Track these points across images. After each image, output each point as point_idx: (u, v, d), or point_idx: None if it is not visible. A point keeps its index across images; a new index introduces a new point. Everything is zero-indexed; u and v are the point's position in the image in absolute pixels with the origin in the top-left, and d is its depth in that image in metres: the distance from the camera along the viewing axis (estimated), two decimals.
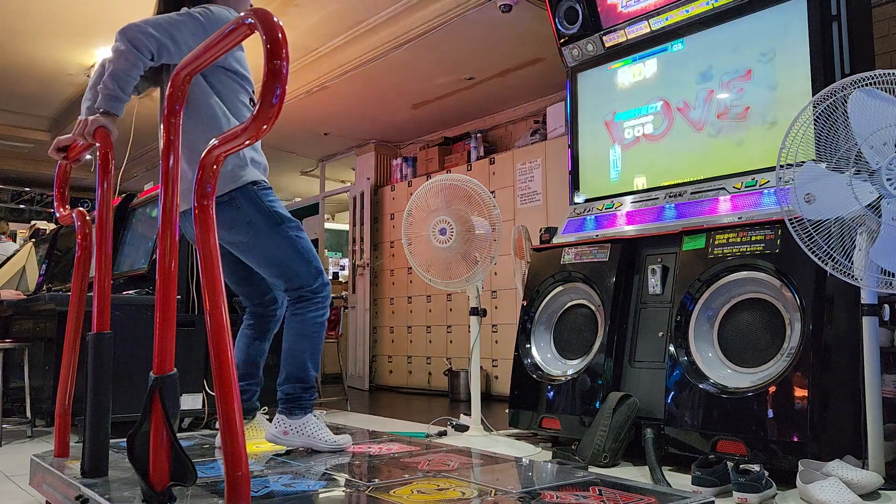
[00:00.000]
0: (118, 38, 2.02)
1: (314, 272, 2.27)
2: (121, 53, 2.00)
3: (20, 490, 2.49)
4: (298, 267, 2.24)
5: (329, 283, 2.34)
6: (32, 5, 4.88)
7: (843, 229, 2.36)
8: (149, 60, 2.03)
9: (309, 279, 2.25)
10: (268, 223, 2.19)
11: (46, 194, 10.70)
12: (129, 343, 3.29)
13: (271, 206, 2.22)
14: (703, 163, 3.32)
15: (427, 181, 3.75)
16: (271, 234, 2.19)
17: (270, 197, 2.24)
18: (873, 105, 2.29)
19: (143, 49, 2.01)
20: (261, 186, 2.22)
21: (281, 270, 2.25)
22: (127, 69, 2.00)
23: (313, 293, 2.26)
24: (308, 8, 4.85)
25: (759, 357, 2.75)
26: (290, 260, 2.23)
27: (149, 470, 1.47)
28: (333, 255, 9.83)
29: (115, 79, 1.99)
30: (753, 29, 3.17)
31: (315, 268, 2.27)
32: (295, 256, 2.23)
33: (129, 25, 2.03)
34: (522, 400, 3.50)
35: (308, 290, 2.25)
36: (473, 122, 6.78)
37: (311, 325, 2.27)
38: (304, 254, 2.25)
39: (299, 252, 2.24)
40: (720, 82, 3.28)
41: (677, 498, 1.63)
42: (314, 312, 2.27)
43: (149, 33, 2.02)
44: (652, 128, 3.55)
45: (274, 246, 2.20)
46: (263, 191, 2.22)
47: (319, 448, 2.22)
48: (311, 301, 2.26)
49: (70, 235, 4.92)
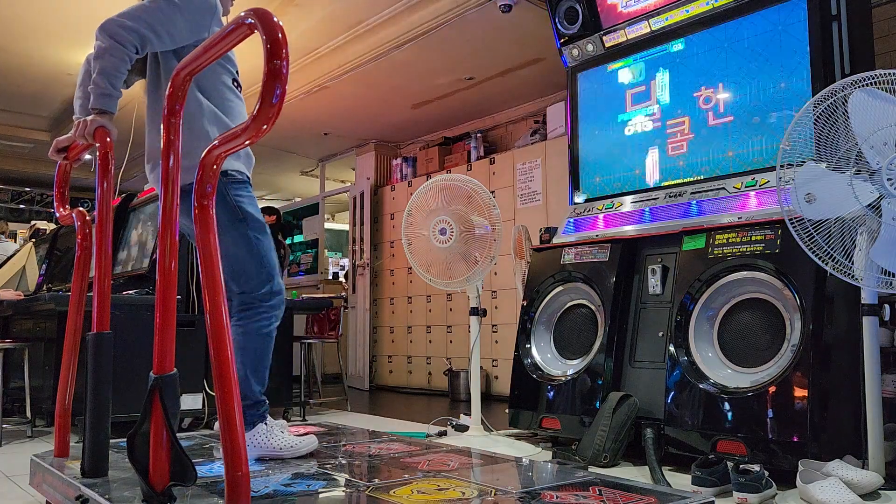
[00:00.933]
0: (99, 36, 2.02)
1: (265, 277, 2.19)
2: (105, 51, 1.99)
3: (20, 490, 2.49)
4: (249, 268, 2.17)
5: (282, 292, 2.25)
6: (32, 6, 4.88)
7: (844, 229, 2.36)
8: (134, 53, 2.03)
9: (257, 284, 2.18)
10: (228, 218, 2.13)
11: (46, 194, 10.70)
12: (129, 343, 3.28)
13: (237, 202, 2.16)
14: (703, 162, 3.32)
15: (427, 181, 3.75)
16: (229, 229, 2.12)
17: (240, 191, 2.18)
18: (873, 105, 2.29)
19: (127, 43, 2.01)
20: (232, 178, 2.16)
21: (231, 270, 2.15)
22: (115, 65, 2.00)
23: (259, 300, 2.18)
24: (308, 8, 4.85)
25: (759, 357, 2.74)
26: (242, 260, 2.16)
27: (149, 470, 1.47)
28: (333, 255, 9.83)
29: (104, 76, 1.99)
30: (753, 29, 3.17)
31: (267, 273, 2.19)
32: (248, 258, 2.17)
33: (108, 21, 2.02)
34: (522, 400, 3.50)
35: (254, 295, 2.18)
36: (473, 122, 6.78)
37: (255, 337, 2.18)
38: (259, 257, 2.18)
39: (254, 254, 2.17)
40: (720, 82, 3.28)
41: (677, 498, 1.63)
42: (259, 322, 2.18)
43: (129, 27, 2.01)
44: (652, 127, 3.55)
45: (229, 242, 2.11)
46: (235, 184, 2.17)
47: (278, 455, 2.14)
48: (256, 309, 2.18)
49: (70, 235, 4.92)
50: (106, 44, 2.00)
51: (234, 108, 2.26)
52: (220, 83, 2.22)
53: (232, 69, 2.28)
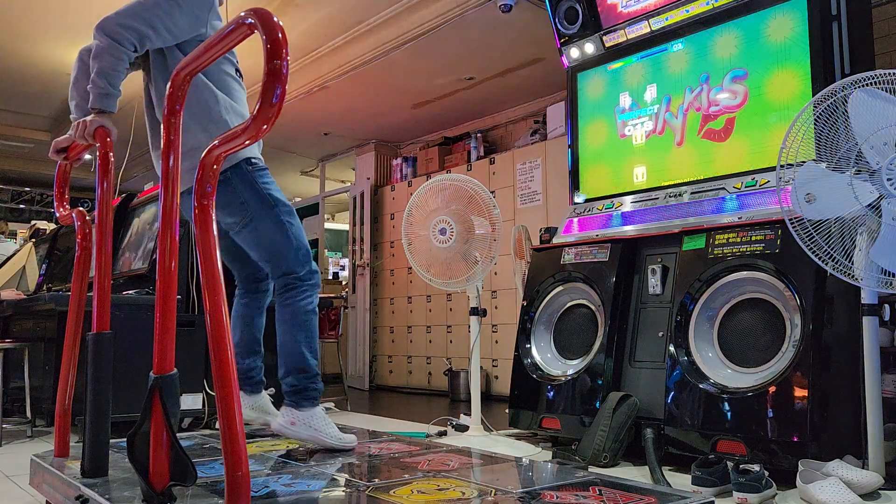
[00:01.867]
0: (97, 35, 2.02)
1: (302, 258, 2.25)
2: (103, 50, 2.00)
3: (20, 490, 2.49)
4: (287, 252, 2.23)
5: (318, 270, 2.33)
6: (33, 6, 4.88)
7: (844, 229, 2.36)
8: (132, 52, 2.04)
9: (297, 265, 2.24)
10: (261, 205, 2.18)
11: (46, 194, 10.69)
12: (129, 343, 3.28)
13: (266, 188, 2.21)
14: (702, 163, 3.32)
15: (427, 181, 3.75)
16: (264, 216, 2.18)
17: (265, 178, 2.23)
18: (873, 105, 2.29)
19: (125, 42, 2.01)
20: (256, 167, 2.21)
21: (270, 254, 2.24)
22: (113, 65, 2.00)
23: (301, 280, 2.25)
24: (308, 8, 4.85)
25: (759, 357, 2.74)
26: (279, 244, 2.22)
27: (149, 470, 1.47)
28: (333, 255, 9.83)
29: (103, 76, 1.99)
30: (753, 29, 3.17)
31: (304, 254, 2.26)
32: (284, 241, 2.22)
33: (106, 19, 2.02)
34: (522, 400, 3.50)
35: (295, 276, 2.24)
36: (473, 122, 6.78)
37: (303, 314, 2.25)
38: (294, 239, 2.24)
39: (289, 237, 2.23)
40: (720, 82, 3.28)
41: (677, 498, 1.63)
42: (304, 300, 2.26)
43: (127, 25, 2.01)
44: (652, 127, 3.55)
45: (265, 229, 2.19)
46: (259, 171, 2.21)
47: (325, 443, 2.20)
48: (299, 289, 2.25)
49: (70, 235, 4.92)
50: (104, 43, 2.00)
51: (241, 97, 2.31)
52: (224, 74, 2.23)
53: (233, 59, 2.30)
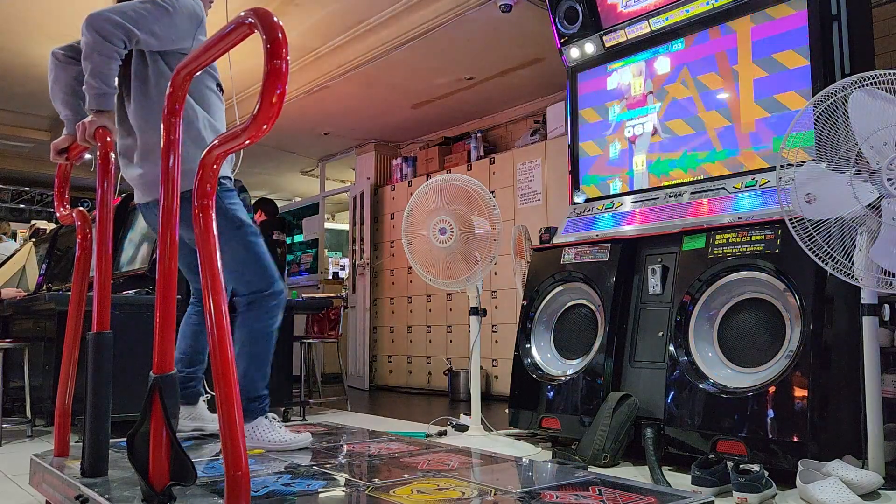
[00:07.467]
0: (85, 32, 2.01)
1: (269, 278, 2.27)
2: (93, 49, 1.99)
3: (20, 490, 2.49)
4: (253, 271, 2.25)
5: (283, 291, 2.33)
6: (33, 6, 4.88)
7: (844, 229, 2.36)
8: (122, 48, 2.04)
9: (262, 284, 2.26)
10: (228, 226, 2.19)
11: (46, 194, 10.69)
12: (129, 343, 3.28)
13: (232, 209, 2.23)
14: (702, 163, 3.32)
15: (427, 181, 3.75)
16: (231, 236, 2.18)
17: (233, 199, 2.25)
18: (873, 105, 2.29)
19: (115, 39, 2.01)
20: (224, 187, 2.23)
21: (236, 274, 2.25)
22: (106, 63, 2.00)
23: (265, 299, 2.26)
24: (308, 8, 4.85)
25: (759, 357, 2.74)
26: (245, 264, 2.24)
27: (149, 470, 1.47)
28: (333, 255, 9.82)
29: (97, 76, 1.99)
30: (753, 28, 3.16)
31: (270, 274, 2.28)
32: (250, 261, 2.25)
33: (93, 16, 2.02)
34: (522, 400, 3.50)
35: (260, 294, 2.25)
36: (473, 122, 6.78)
37: (260, 335, 2.26)
38: (259, 259, 2.26)
39: (255, 256, 2.26)
40: (720, 82, 3.28)
41: (677, 498, 1.63)
42: (264, 321, 2.26)
43: (116, 22, 2.02)
44: (652, 127, 3.55)
45: (231, 249, 2.18)
46: (227, 192, 2.24)
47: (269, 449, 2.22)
48: (262, 307, 2.26)
49: (70, 235, 4.92)
50: (94, 40, 1.99)
51: (220, 113, 2.32)
52: (205, 88, 2.23)
53: (215, 74, 2.30)
